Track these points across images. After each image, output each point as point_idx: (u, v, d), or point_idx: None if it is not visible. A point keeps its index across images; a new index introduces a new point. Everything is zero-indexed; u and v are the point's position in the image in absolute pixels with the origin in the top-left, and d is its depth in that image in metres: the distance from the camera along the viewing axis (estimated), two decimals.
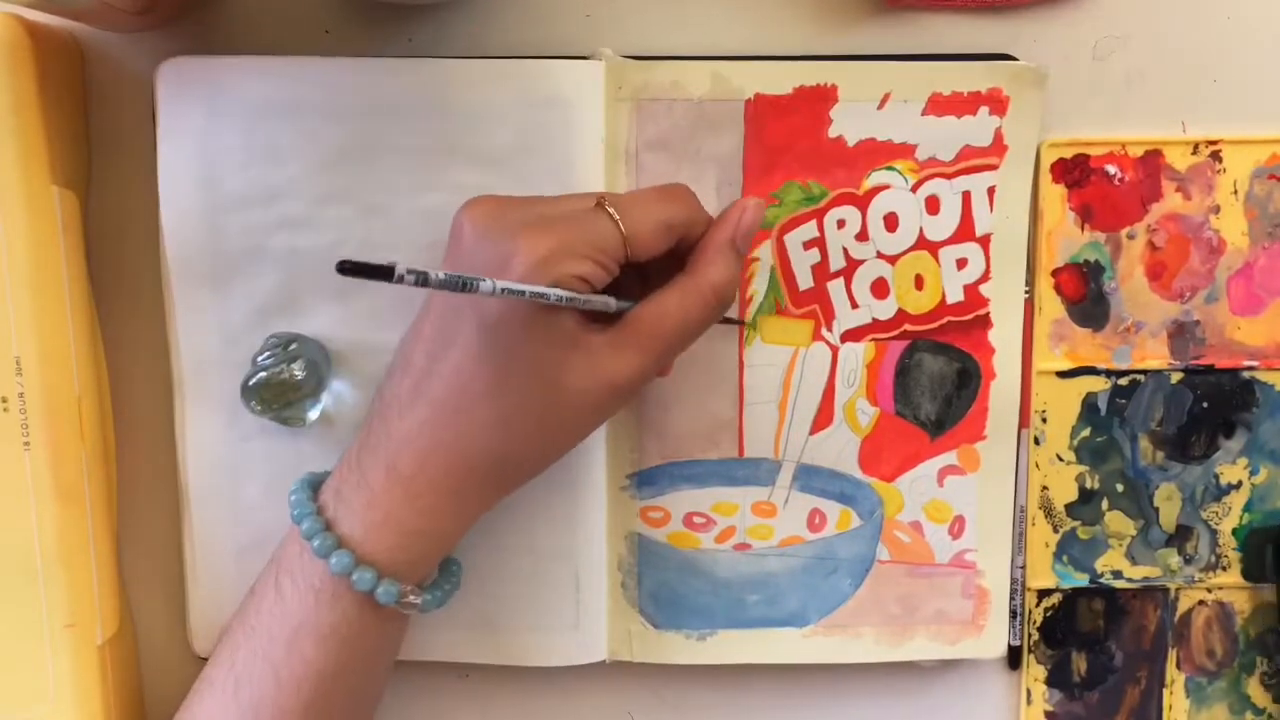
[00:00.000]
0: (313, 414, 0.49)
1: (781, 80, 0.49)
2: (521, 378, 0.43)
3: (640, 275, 0.46)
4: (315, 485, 0.46)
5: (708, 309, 0.45)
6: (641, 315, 0.44)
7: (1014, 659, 0.55)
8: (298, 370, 0.48)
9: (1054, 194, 0.52)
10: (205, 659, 0.51)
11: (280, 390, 0.48)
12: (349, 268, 0.34)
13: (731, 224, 0.46)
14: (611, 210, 0.43)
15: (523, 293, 0.40)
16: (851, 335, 0.51)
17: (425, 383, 0.44)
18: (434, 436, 0.44)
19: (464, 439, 0.44)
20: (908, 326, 0.51)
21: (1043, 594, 0.54)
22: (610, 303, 0.44)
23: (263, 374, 0.48)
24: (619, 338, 0.44)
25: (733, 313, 0.50)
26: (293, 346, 0.49)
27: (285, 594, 0.44)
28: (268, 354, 0.49)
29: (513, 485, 0.46)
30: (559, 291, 0.41)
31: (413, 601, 0.45)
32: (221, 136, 0.48)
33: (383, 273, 0.35)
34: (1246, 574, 0.54)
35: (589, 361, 0.43)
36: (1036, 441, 0.53)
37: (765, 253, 0.51)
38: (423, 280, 0.36)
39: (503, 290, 0.39)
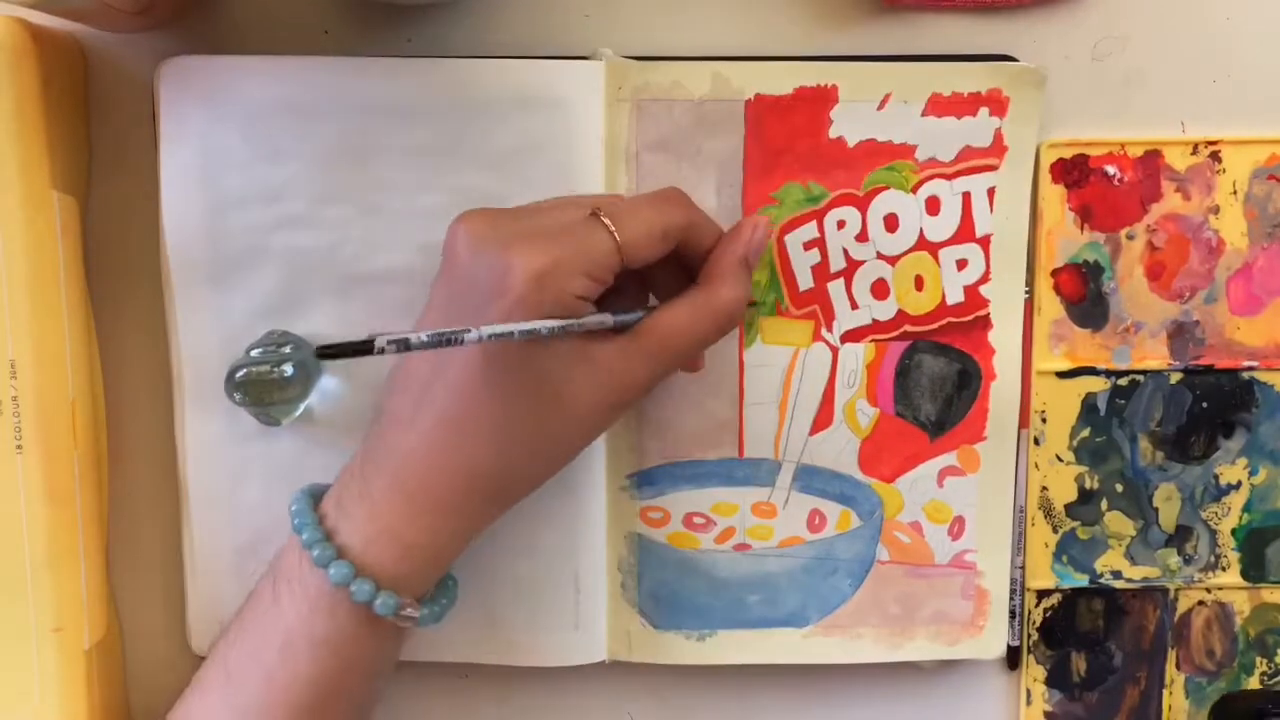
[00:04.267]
0: (295, 413, 0.49)
1: (782, 81, 0.49)
2: (526, 397, 0.43)
3: (637, 275, 0.46)
4: (317, 496, 0.46)
5: (718, 326, 0.46)
6: (652, 328, 0.45)
7: (1013, 659, 0.55)
8: (287, 370, 0.48)
9: (1054, 194, 0.52)
10: (203, 658, 0.51)
11: (266, 388, 0.48)
12: (329, 352, 0.35)
13: (743, 242, 0.46)
14: (606, 221, 0.43)
15: (512, 334, 0.40)
16: (851, 336, 0.51)
17: (427, 398, 0.43)
18: (437, 454, 0.43)
19: (467, 457, 0.44)
20: (908, 327, 0.51)
21: (1042, 594, 0.54)
22: (607, 319, 0.44)
23: (250, 369, 0.48)
24: (628, 349, 0.44)
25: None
26: (286, 348, 0.49)
27: (282, 601, 0.44)
28: (260, 349, 0.49)
29: (515, 499, 0.46)
30: (551, 323, 0.41)
31: (410, 614, 0.45)
32: (222, 135, 0.48)
33: (363, 348, 0.35)
34: (1246, 574, 0.54)
35: (595, 374, 0.43)
36: (1036, 442, 0.53)
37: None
38: (404, 346, 0.36)
39: (489, 336, 0.39)
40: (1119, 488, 0.54)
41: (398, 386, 0.45)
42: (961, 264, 0.51)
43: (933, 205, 0.50)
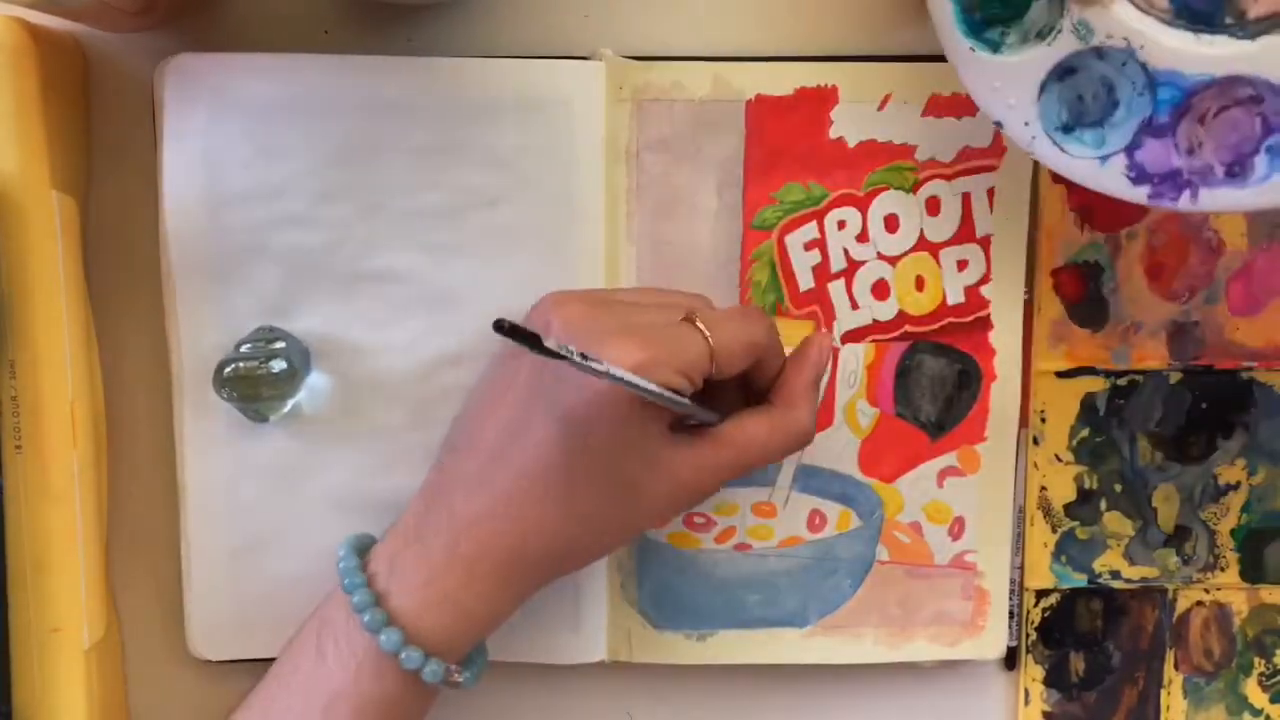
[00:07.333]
0: (283, 410, 0.49)
1: (782, 81, 0.49)
2: (599, 482, 0.43)
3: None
4: (361, 549, 0.46)
5: (791, 445, 0.47)
6: (732, 440, 0.45)
7: (1011, 659, 0.55)
8: (275, 366, 0.48)
9: (1053, 194, 0.52)
10: (202, 659, 0.51)
11: (254, 385, 0.48)
12: (506, 328, 0.35)
13: (812, 364, 0.47)
14: (701, 326, 0.43)
15: (636, 385, 0.40)
16: (852, 336, 0.51)
17: (495, 467, 0.44)
18: (500, 524, 0.44)
19: (530, 532, 0.44)
20: (908, 328, 0.51)
21: (1041, 594, 0.54)
22: (713, 417, 0.44)
23: (239, 365, 0.48)
24: (704, 457, 0.45)
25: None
26: (276, 345, 0.49)
27: (327, 658, 0.44)
28: (249, 345, 0.49)
29: (567, 573, 0.46)
30: (671, 394, 0.41)
31: (456, 680, 0.45)
32: (224, 133, 0.48)
33: (533, 340, 0.36)
34: (1244, 575, 0.54)
35: (670, 476, 0.44)
36: (1035, 441, 0.53)
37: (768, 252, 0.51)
38: (566, 354, 0.37)
39: (620, 378, 0.39)
40: (1118, 488, 0.54)
41: (462, 446, 0.45)
42: (962, 264, 0.51)
43: (933, 205, 0.51)
